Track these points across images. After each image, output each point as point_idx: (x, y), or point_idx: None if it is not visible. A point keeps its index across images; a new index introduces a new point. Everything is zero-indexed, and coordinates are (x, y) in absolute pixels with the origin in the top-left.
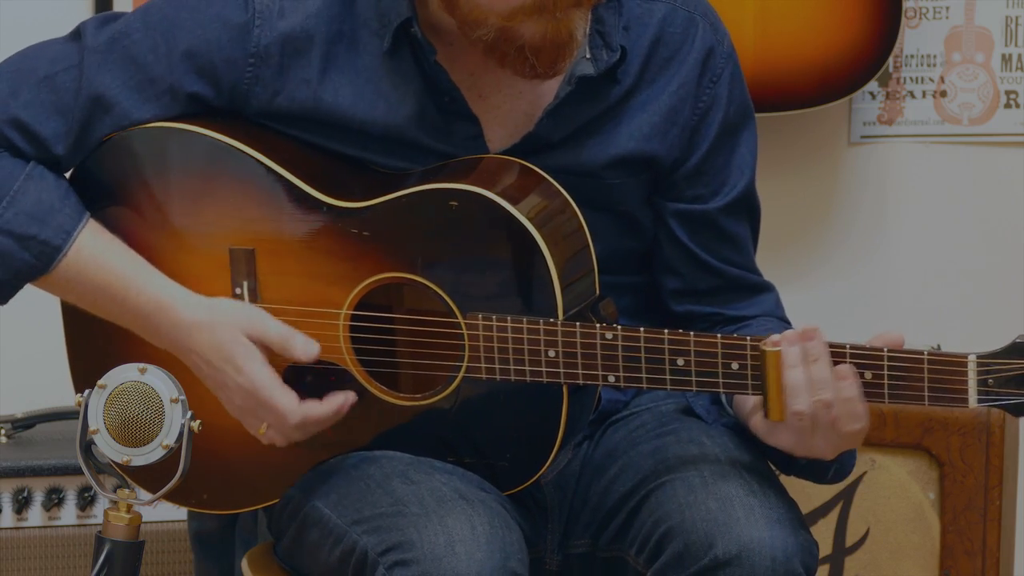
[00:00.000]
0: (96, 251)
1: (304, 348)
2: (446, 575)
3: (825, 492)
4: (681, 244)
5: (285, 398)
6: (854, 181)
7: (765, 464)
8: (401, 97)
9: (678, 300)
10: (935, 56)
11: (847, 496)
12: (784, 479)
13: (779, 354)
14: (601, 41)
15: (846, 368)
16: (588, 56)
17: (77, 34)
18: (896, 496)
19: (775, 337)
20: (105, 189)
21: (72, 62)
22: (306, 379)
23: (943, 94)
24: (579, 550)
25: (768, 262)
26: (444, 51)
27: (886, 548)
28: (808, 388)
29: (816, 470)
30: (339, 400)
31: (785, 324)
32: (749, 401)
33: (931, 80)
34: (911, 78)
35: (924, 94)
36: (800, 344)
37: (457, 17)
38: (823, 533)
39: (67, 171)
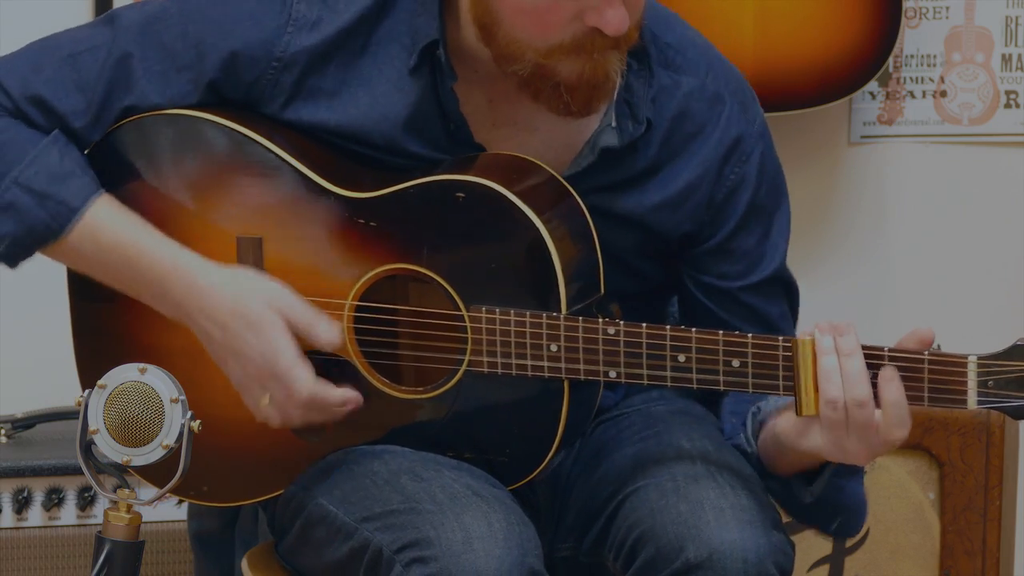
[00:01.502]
0: (111, 216)
1: (327, 333)
2: (465, 572)
3: None
4: (711, 312)
5: (303, 370)
6: (854, 181)
7: (742, 466)
8: (410, 115)
9: None
10: (935, 56)
11: None
12: None
13: (813, 342)
14: (628, 111)
15: (891, 371)
16: (613, 125)
17: (109, 19)
18: (896, 496)
19: (806, 330)
20: (115, 174)
21: (98, 42)
22: None
23: (943, 94)
24: (563, 554)
25: None
26: (467, 75)
27: (886, 548)
28: (841, 378)
29: (822, 518)
30: (350, 393)
31: None
32: (779, 423)
33: (931, 80)
34: (911, 78)
35: (924, 94)
36: (832, 334)
37: (493, 50)
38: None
39: (84, 149)
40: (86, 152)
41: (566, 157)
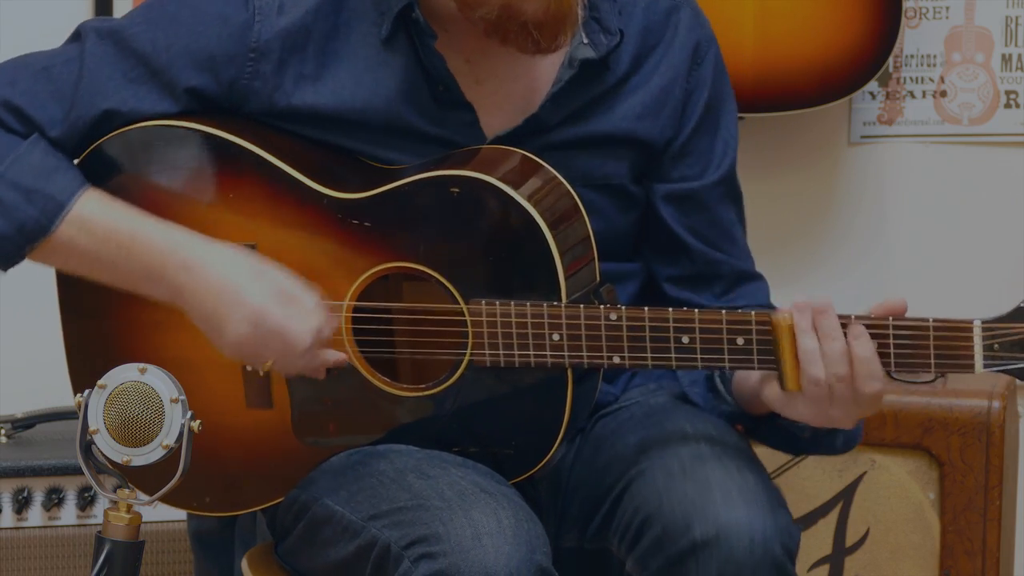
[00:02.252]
0: (101, 205)
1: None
2: (474, 568)
3: (825, 492)
4: (670, 230)
5: (297, 322)
6: (854, 181)
7: (746, 447)
8: (398, 86)
9: (674, 287)
10: (935, 56)
11: (847, 496)
12: (783, 479)
13: (791, 323)
14: (598, 26)
15: (859, 328)
16: (585, 41)
17: (76, 34)
18: (896, 496)
19: (783, 310)
20: (104, 186)
21: (72, 55)
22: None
23: (943, 94)
24: (568, 544)
25: (768, 262)
26: (440, 37)
27: (886, 548)
28: (823, 357)
29: (825, 444)
30: (335, 321)
31: None
32: (753, 377)
33: (931, 80)
34: (911, 78)
35: (924, 94)
36: (811, 313)
37: None
38: (823, 533)
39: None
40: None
41: (548, 88)
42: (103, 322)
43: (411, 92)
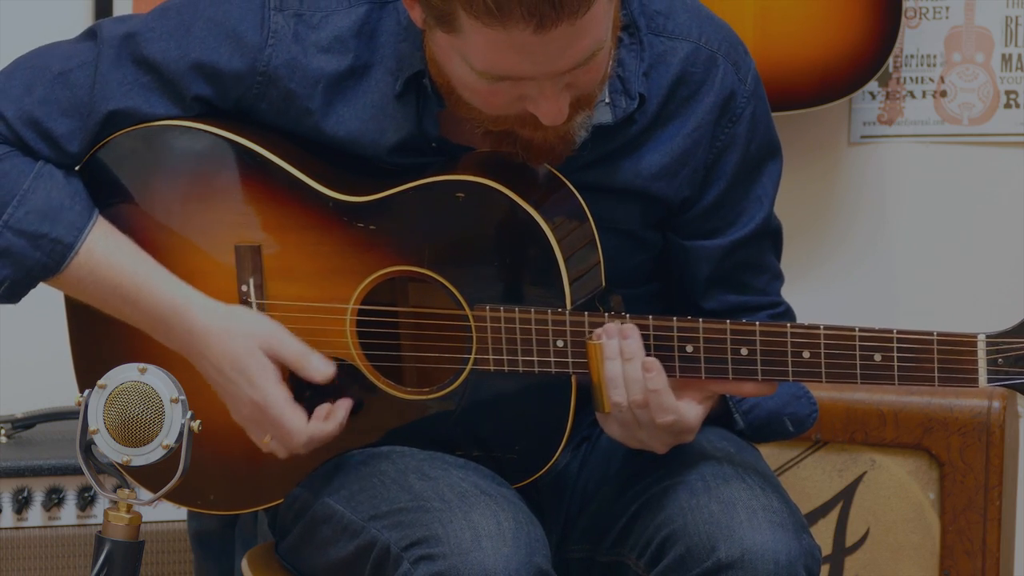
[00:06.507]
0: (108, 250)
1: (319, 368)
2: (473, 570)
3: (825, 492)
4: (701, 287)
5: (294, 418)
6: (854, 181)
7: (765, 466)
8: (402, 138)
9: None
10: (935, 56)
11: (847, 496)
12: (783, 479)
13: (600, 346)
14: (621, 86)
15: (651, 361)
16: (607, 101)
17: (92, 33)
18: (896, 496)
19: (599, 330)
20: (111, 187)
21: (86, 59)
22: None
23: (943, 94)
24: (578, 555)
25: None
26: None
27: (886, 548)
28: (625, 383)
29: (771, 432)
30: (341, 415)
31: None
32: None
33: (931, 80)
34: (911, 78)
35: (924, 94)
36: (617, 339)
37: (450, 104)
38: (823, 533)
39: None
40: (80, 168)
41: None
42: (110, 320)
43: (413, 147)
